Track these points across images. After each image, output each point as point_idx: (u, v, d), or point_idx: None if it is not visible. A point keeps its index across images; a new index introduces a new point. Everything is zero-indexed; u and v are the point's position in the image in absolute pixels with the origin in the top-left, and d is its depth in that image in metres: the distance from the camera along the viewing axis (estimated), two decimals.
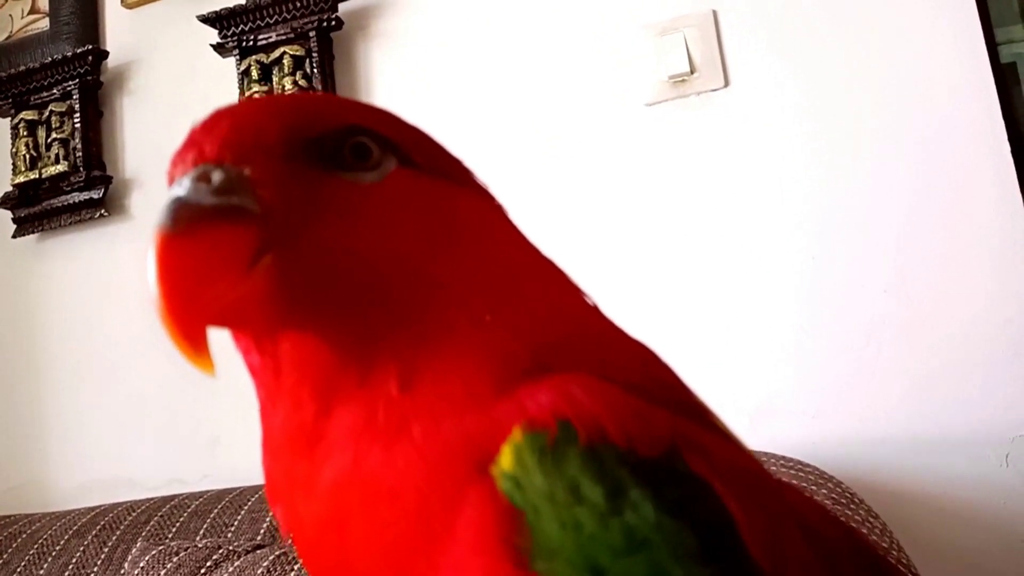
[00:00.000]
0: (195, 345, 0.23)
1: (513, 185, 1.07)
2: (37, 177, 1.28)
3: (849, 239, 0.99)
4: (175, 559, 0.83)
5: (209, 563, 0.81)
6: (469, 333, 0.26)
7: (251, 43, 1.20)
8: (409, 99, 1.17)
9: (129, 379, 1.23)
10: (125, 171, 1.30)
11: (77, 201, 1.27)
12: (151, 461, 1.21)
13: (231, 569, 0.79)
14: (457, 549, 0.23)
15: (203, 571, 0.80)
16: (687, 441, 0.24)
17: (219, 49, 1.22)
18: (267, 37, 1.20)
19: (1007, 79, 0.97)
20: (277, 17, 1.19)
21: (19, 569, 0.98)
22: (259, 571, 0.76)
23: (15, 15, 1.39)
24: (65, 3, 1.34)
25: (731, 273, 1.01)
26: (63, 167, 1.27)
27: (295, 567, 0.76)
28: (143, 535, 0.95)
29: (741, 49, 1.04)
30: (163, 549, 0.85)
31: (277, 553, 0.79)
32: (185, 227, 0.23)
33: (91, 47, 1.29)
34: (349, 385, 0.25)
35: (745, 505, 0.23)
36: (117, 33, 1.34)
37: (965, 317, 0.94)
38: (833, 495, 0.75)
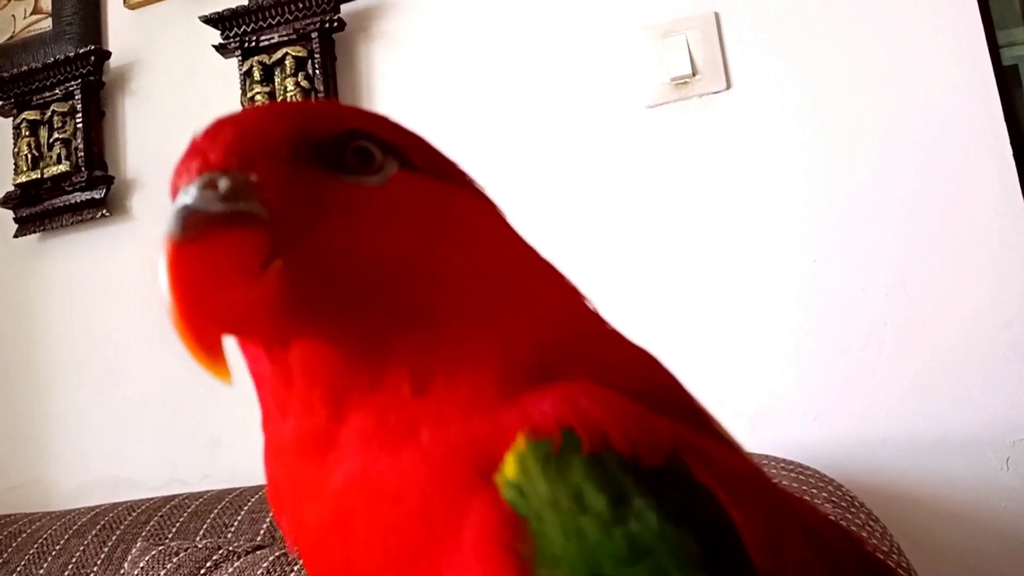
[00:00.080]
0: (211, 353, 0.23)
1: (514, 186, 1.08)
2: (39, 177, 1.28)
3: (850, 241, 0.99)
4: (175, 559, 0.83)
5: (209, 563, 0.81)
6: (477, 334, 0.26)
7: (253, 44, 1.20)
8: (411, 100, 1.17)
9: (130, 379, 1.23)
10: (127, 171, 1.30)
11: (79, 201, 1.27)
12: (151, 461, 1.21)
13: (231, 570, 0.79)
14: (460, 556, 0.23)
15: (203, 571, 0.80)
16: (689, 448, 0.24)
17: (221, 50, 1.23)
18: (269, 38, 1.20)
19: (1009, 82, 0.97)
20: (279, 18, 1.19)
21: (19, 568, 0.98)
22: (259, 572, 0.76)
23: (18, 15, 1.39)
24: (68, 3, 1.34)
25: (732, 275, 1.01)
26: (65, 167, 1.27)
27: (295, 568, 0.76)
28: (143, 535, 0.95)
29: (743, 51, 1.04)
30: (163, 549, 0.85)
31: (277, 554, 0.79)
32: (195, 234, 0.23)
33: (93, 47, 1.29)
34: (361, 389, 0.25)
35: (747, 512, 0.23)
36: (119, 33, 1.34)
37: (966, 319, 0.94)
38: (833, 498, 0.75)
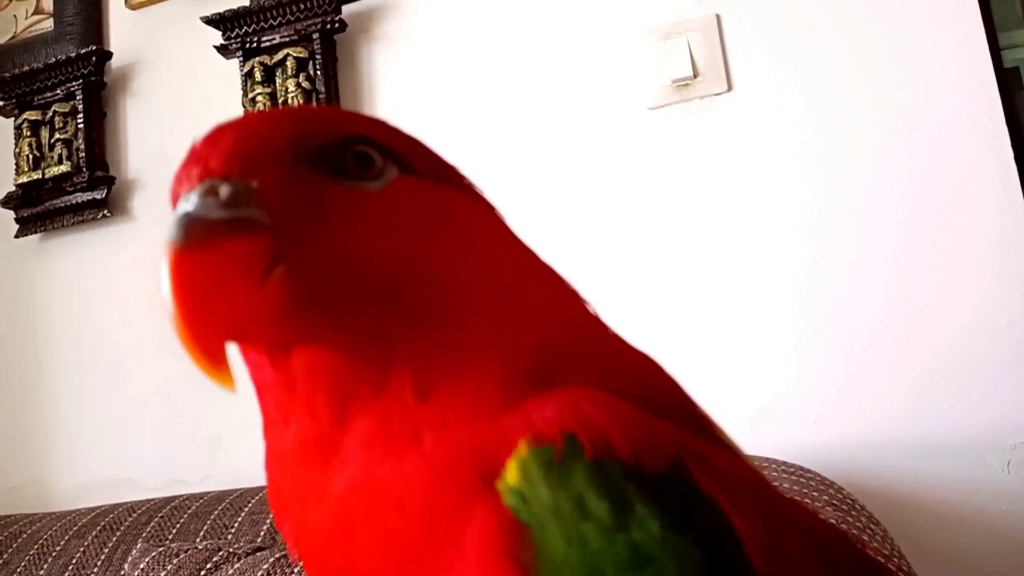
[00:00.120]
0: (215, 360, 0.23)
1: (515, 187, 1.08)
2: (40, 177, 1.28)
3: (851, 243, 0.99)
4: (175, 560, 0.83)
5: (209, 565, 0.81)
6: (480, 339, 0.26)
7: (255, 45, 1.20)
8: (412, 101, 1.17)
9: (130, 379, 1.23)
10: (128, 172, 1.30)
11: (80, 201, 1.27)
12: (152, 462, 1.21)
13: (231, 571, 0.79)
14: (463, 563, 0.23)
15: (203, 573, 0.80)
16: (692, 455, 0.24)
17: (223, 51, 1.23)
18: (271, 39, 1.20)
19: (1010, 84, 0.97)
20: (281, 19, 1.19)
21: (19, 569, 0.98)
22: (259, 573, 0.76)
23: (19, 15, 1.39)
24: (69, 4, 1.34)
25: (733, 277, 1.01)
26: (66, 167, 1.27)
27: (295, 570, 0.76)
28: (143, 536, 0.95)
29: (744, 53, 1.04)
30: (163, 551, 0.85)
31: (278, 555, 0.79)
32: (197, 242, 0.23)
33: (95, 48, 1.29)
34: (365, 394, 0.25)
35: (750, 520, 0.23)
36: (121, 34, 1.34)
37: (966, 321, 0.94)
38: (834, 501, 0.75)
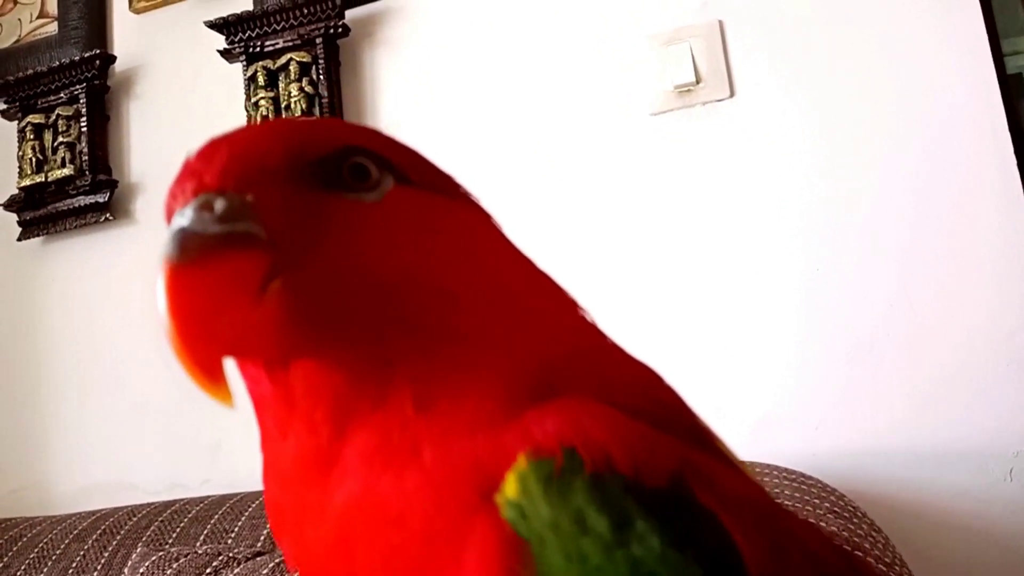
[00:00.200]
0: (212, 376, 0.23)
1: (517, 193, 1.08)
2: (43, 180, 1.28)
3: (853, 250, 0.98)
4: (175, 565, 0.83)
5: (209, 569, 0.81)
6: (479, 351, 0.26)
7: (258, 49, 1.20)
8: (414, 106, 1.17)
9: (131, 383, 1.23)
10: (131, 175, 1.30)
11: (82, 205, 1.27)
12: (152, 465, 1.21)
13: None
14: None
15: None
16: (693, 470, 0.23)
17: (226, 55, 1.23)
18: (274, 43, 1.20)
19: (1012, 91, 0.97)
20: (284, 23, 1.19)
21: (19, 573, 0.98)
22: None
23: (24, 19, 1.40)
24: (73, 8, 1.35)
25: (734, 283, 1.01)
26: (69, 171, 1.27)
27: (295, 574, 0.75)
28: (143, 540, 0.94)
29: (747, 60, 1.04)
30: (163, 555, 0.85)
31: (278, 560, 0.79)
32: (193, 257, 0.23)
33: (99, 52, 1.29)
34: (364, 408, 0.25)
35: (751, 536, 0.23)
36: (125, 38, 1.34)
37: (969, 329, 0.94)
38: (836, 509, 0.74)
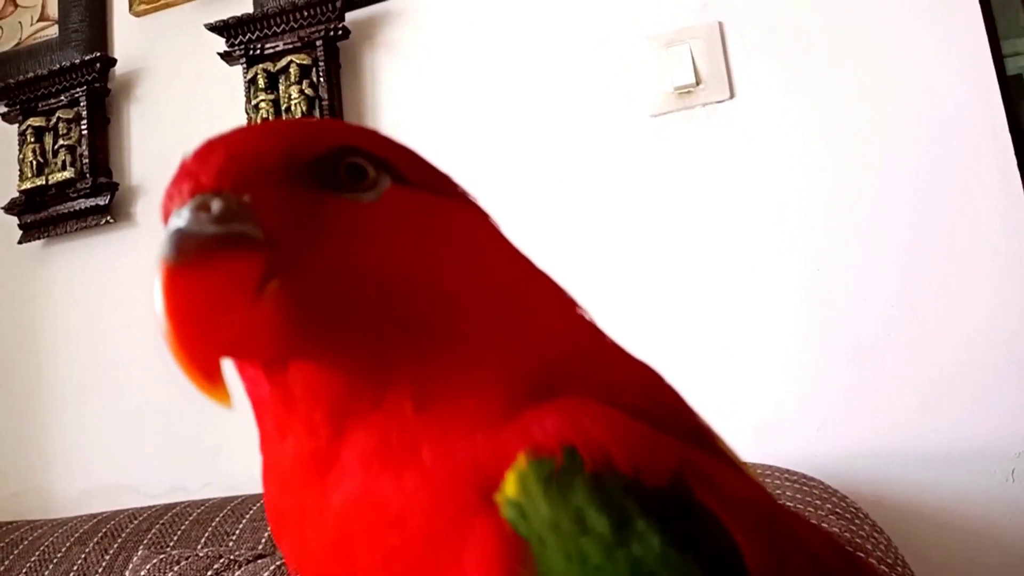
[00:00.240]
0: (210, 377, 0.23)
1: (517, 194, 1.08)
2: (44, 183, 1.28)
3: (854, 251, 0.98)
4: (176, 568, 0.83)
5: (210, 572, 0.81)
6: (478, 350, 0.26)
7: (258, 52, 1.20)
8: (415, 108, 1.17)
9: (132, 386, 1.23)
10: (131, 178, 1.30)
11: (83, 207, 1.27)
12: (153, 468, 1.21)
13: None
14: None
15: None
16: (694, 470, 0.23)
17: (226, 58, 1.23)
18: (274, 46, 1.20)
19: (1013, 92, 0.97)
20: (284, 26, 1.19)
21: None
22: None
23: (24, 22, 1.40)
24: (74, 11, 1.35)
25: (735, 285, 1.01)
26: (70, 174, 1.27)
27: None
28: (144, 543, 0.94)
29: (747, 61, 1.04)
30: (164, 557, 0.85)
31: (279, 563, 0.79)
32: (190, 258, 0.23)
33: (99, 54, 1.29)
34: (363, 408, 0.25)
35: (751, 536, 0.23)
36: (125, 41, 1.34)
37: (970, 331, 0.94)
38: (837, 510, 0.74)
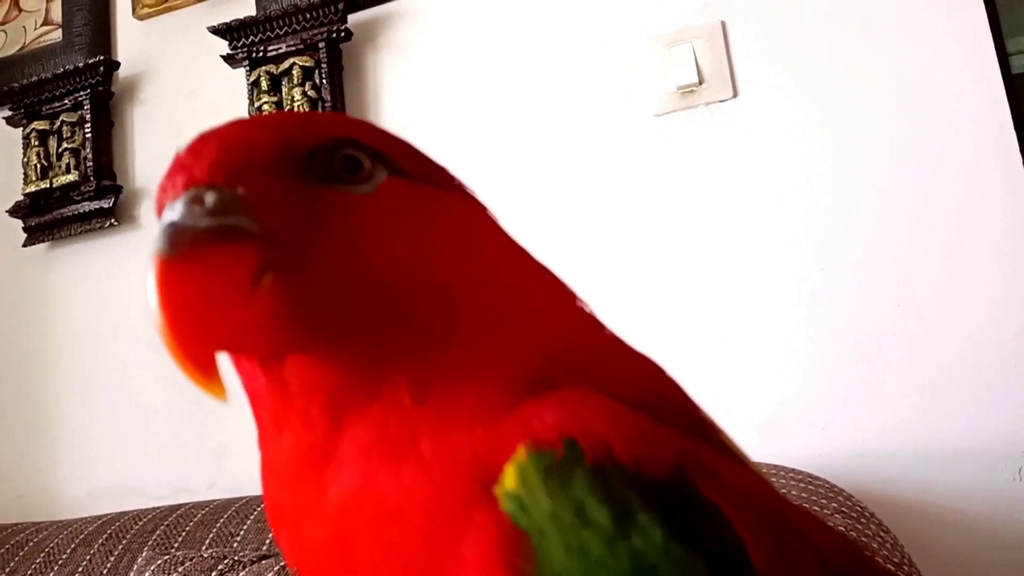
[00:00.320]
0: (204, 371, 0.23)
1: (520, 194, 1.08)
2: (48, 186, 1.29)
3: (858, 250, 0.98)
4: (181, 568, 0.83)
5: (215, 573, 0.81)
6: (477, 342, 0.25)
7: (261, 54, 1.21)
8: (417, 109, 1.17)
9: (137, 388, 1.24)
10: (135, 181, 1.30)
11: (87, 210, 1.28)
12: (158, 470, 1.21)
13: None
14: (461, 572, 0.22)
15: None
16: (695, 462, 0.23)
17: (229, 60, 1.23)
18: (277, 48, 1.20)
19: (1018, 90, 0.97)
20: (287, 28, 1.19)
21: None
22: None
23: (28, 26, 1.40)
24: (78, 15, 1.35)
25: (740, 284, 1.01)
26: (74, 177, 1.28)
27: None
28: (149, 544, 0.94)
29: (750, 60, 1.04)
30: (169, 558, 0.85)
31: (283, 563, 0.79)
32: (183, 251, 0.23)
33: (103, 58, 1.30)
34: (361, 401, 0.25)
35: (755, 529, 0.22)
36: (128, 44, 1.35)
37: (976, 329, 0.93)
38: (843, 509, 0.74)
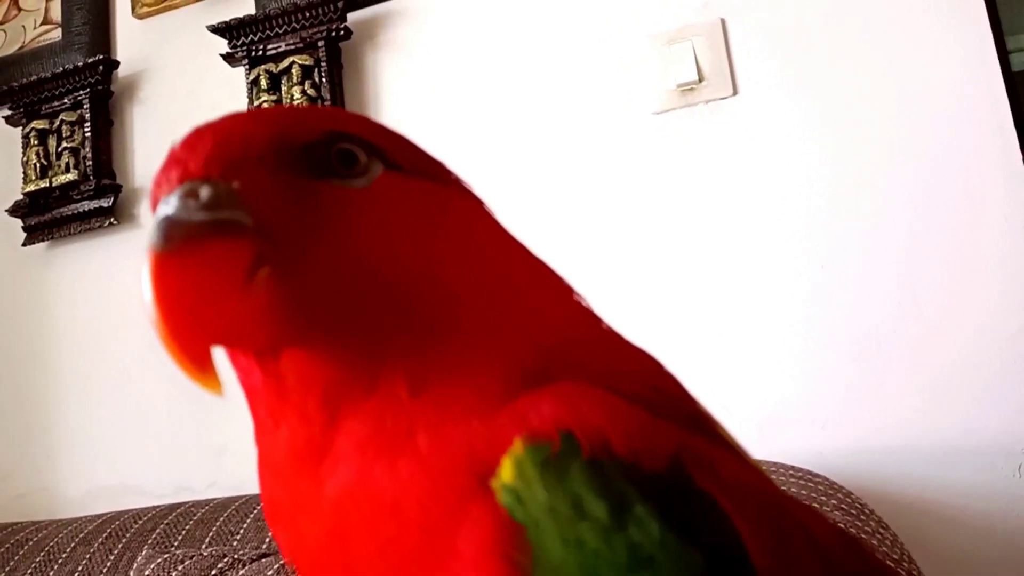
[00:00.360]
0: (200, 365, 0.23)
1: (520, 192, 1.08)
2: (47, 186, 1.29)
3: (858, 248, 0.98)
4: (180, 567, 0.83)
5: (214, 572, 0.81)
6: (474, 336, 0.25)
7: (260, 53, 1.21)
8: (417, 108, 1.17)
9: (136, 387, 1.24)
10: (134, 180, 1.30)
11: (87, 210, 1.28)
12: (157, 469, 1.21)
13: None
14: (459, 565, 0.22)
15: None
16: (692, 455, 0.23)
17: (229, 59, 1.23)
18: (276, 47, 1.20)
19: (1018, 87, 0.97)
20: (286, 27, 1.19)
21: None
22: None
23: (28, 26, 1.40)
24: (77, 14, 1.35)
25: (740, 281, 1.01)
26: (73, 176, 1.28)
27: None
28: (149, 543, 0.94)
29: (750, 58, 1.04)
30: (168, 557, 0.85)
31: (283, 562, 0.79)
32: (178, 245, 0.23)
33: (102, 57, 1.30)
34: (357, 395, 0.24)
35: (752, 521, 0.22)
36: (128, 43, 1.35)
37: (976, 326, 0.93)
38: (843, 505, 0.74)
